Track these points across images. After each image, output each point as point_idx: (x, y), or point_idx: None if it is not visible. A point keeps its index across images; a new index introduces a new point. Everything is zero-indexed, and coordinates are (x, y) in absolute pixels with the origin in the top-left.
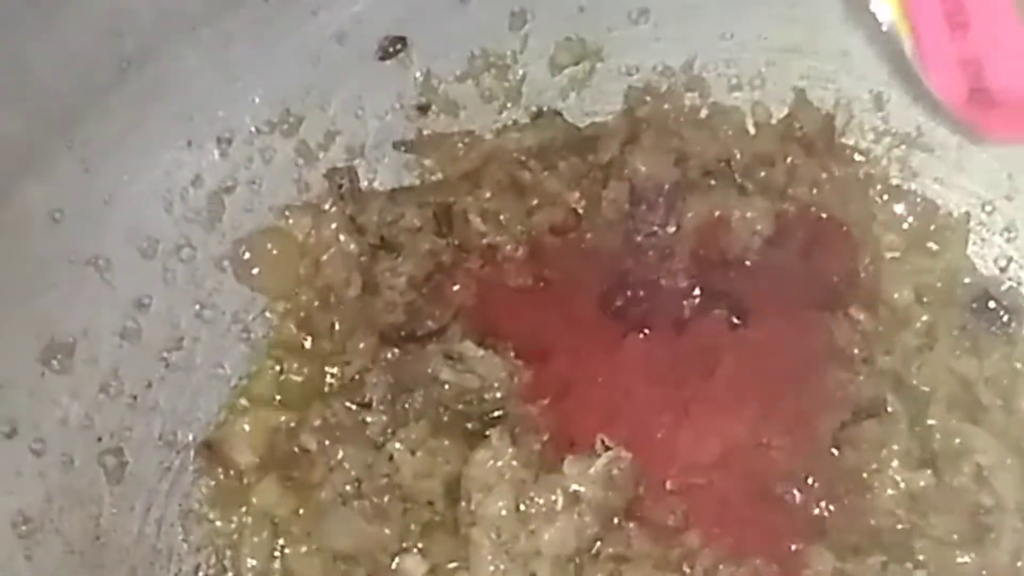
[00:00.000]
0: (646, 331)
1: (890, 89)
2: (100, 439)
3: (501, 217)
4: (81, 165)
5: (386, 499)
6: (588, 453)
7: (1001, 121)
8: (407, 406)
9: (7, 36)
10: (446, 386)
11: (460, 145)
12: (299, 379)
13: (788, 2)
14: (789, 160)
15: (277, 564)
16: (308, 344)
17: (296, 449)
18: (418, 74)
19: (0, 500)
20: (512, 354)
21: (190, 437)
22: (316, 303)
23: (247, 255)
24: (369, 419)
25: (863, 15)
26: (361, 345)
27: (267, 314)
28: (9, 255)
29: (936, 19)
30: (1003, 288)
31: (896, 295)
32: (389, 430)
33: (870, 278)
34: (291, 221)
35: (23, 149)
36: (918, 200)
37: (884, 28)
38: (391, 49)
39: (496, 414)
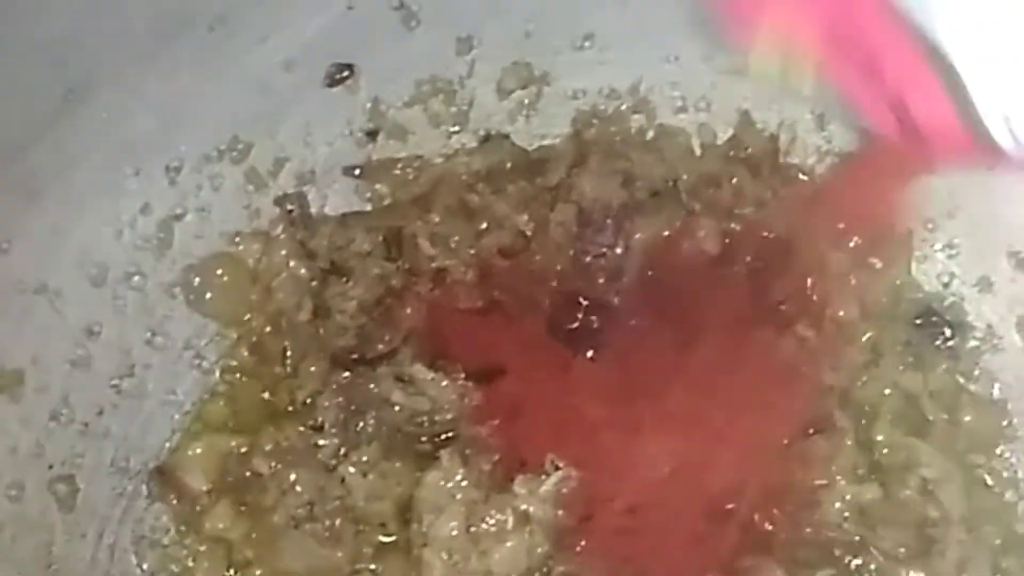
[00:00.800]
0: (595, 351)
1: (831, 110)
2: (51, 467)
3: (450, 241)
4: (28, 195)
5: (338, 522)
6: (538, 473)
7: (936, 150)
8: (359, 429)
9: None
10: (397, 408)
11: (409, 170)
12: (251, 404)
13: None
14: (735, 180)
15: None
16: (260, 369)
17: (248, 473)
18: (366, 100)
19: None
20: (462, 376)
21: (143, 463)
22: (267, 328)
23: (198, 281)
24: (321, 442)
25: None
26: (313, 369)
27: (219, 340)
28: None
29: (852, 71)
30: (946, 303)
31: (842, 312)
32: (341, 453)
33: (816, 296)
34: (241, 247)
35: None
36: None
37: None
38: (339, 76)
39: (447, 435)
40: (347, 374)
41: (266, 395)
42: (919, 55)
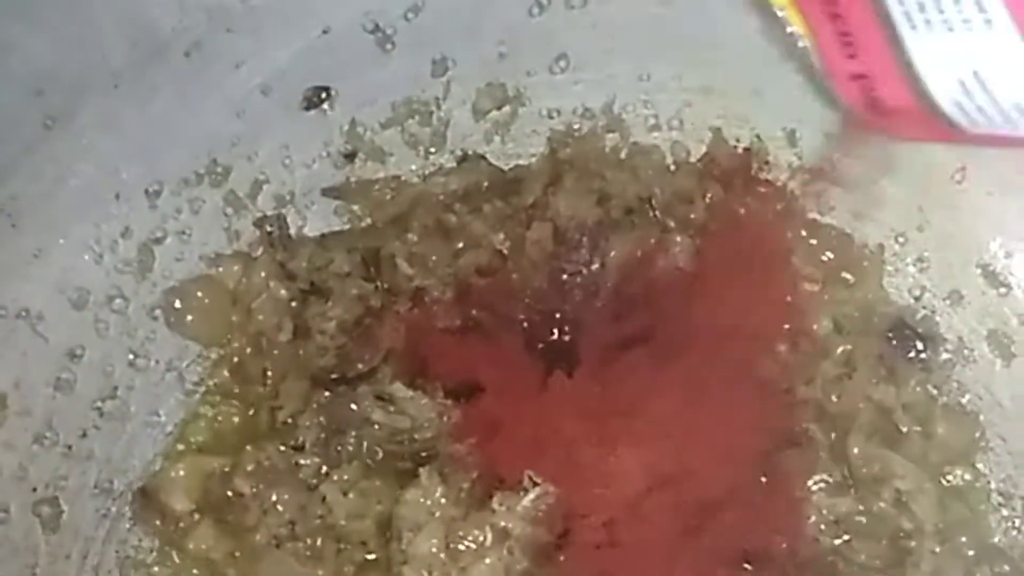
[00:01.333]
0: (572, 368)
1: (802, 126)
2: (35, 489)
3: (428, 260)
4: (8, 220)
5: (320, 540)
6: (516, 490)
7: (898, 126)
8: (340, 448)
9: None
10: (377, 427)
11: (387, 191)
12: (233, 424)
13: (703, 44)
14: (708, 197)
15: None
16: (241, 389)
17: (231, 493)
18: (343, 122)
19: None
20: (441, 394)
21: (126, 484)
22: (248, 349)
23: (179, 304)
24: (302, 461)
25: (776, 57)
26: (293, 389)
27: (200, 361)
28: None
29: (832, 39)
30: (918, 317)
31: (815, 326)
32: (322, 472)
33: (790, 310)
34: (221, 269)
35: None
36: (834, 233)
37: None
38: (315, 99)
39: (427, 453)
40: (327, 394)
41: (247, 415)
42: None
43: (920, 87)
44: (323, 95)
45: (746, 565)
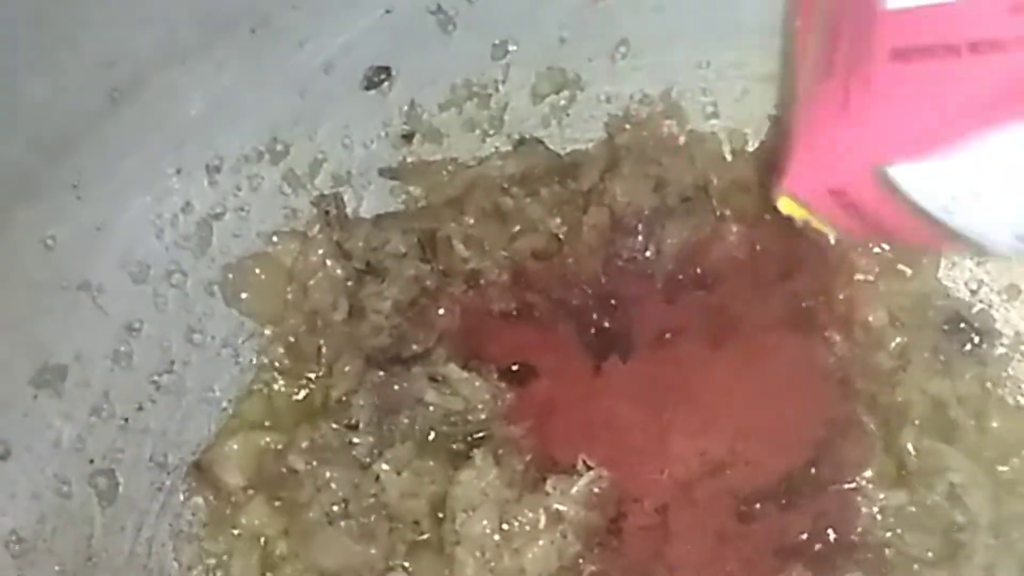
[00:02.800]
0: (626, 354)
1: None
2: (92, 461)
3: (484, 243)
4: (74, 193)
5: (373, 519)
6: (570, 473)
7: None
8: (393, 428)
9: (3, 67)
10: (431, 408)
11: (444, 172)
12: (287, 401)
13: (764, 32)
14: (765, 186)
15: None
16: (296, 367)
17: (284, 470)
18: (403, 103)
19: None
20: (495, 376)
21: (180, 458)
22: (303, 327)
23: (236, 280)
24: (356, 440)
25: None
26: (347, 368)
27: (256, 338)
28: (3, 281)
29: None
30: (974, 310)
31: (870, 317)
32: (375, 451)
33: (845, 301)
34: (279, 247)
35: (17, 177)
36: None
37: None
38: (376, 79)
39: (480, 435)
40: (381, 373)
41: (301, 393)
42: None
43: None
44: (383, 75)
45: (797, 554)
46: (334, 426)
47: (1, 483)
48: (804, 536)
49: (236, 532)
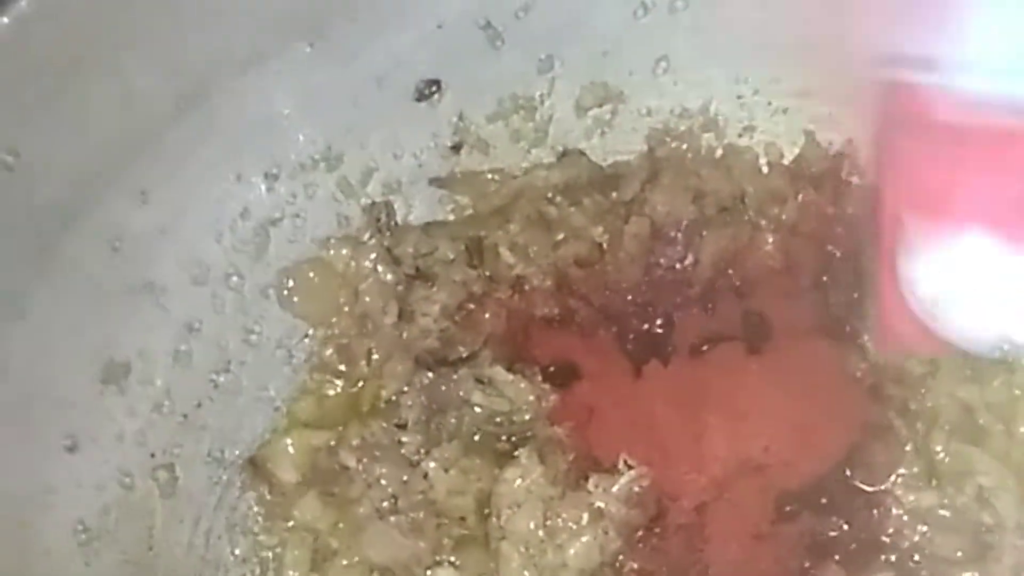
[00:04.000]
0: (665, 358)
1: None
2: (153, 455)
3: (529, 250)
4: (140, 197)
5: (421, 514)
6: (611, 472)
7: None
8: (440, 427)
9: (75, 75)
10: (477, 408)
11: (491, 182)
12: (338, 401)
13: (799, 48)
14: (800, 198)
15: None
16: (347, 368)
17: (336, 466)
18: (452, 115)
19: (61, 510)
20: (539, 379)
21: (236, 454)
22: (355, 330)
23: (291, 284)
24: (405, 439)
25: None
26: (397, 369)
27: (309, 340)
28: (72, 281)
29: None
30: None
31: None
32: (423, 449)
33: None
34: (332, 252)
35: (86, 181)
36: None
37: None
38: (427, 91)
39: (525, 435)
40: (430, 375)
41: (352, 393)
42: None
43: None
44: (434, 88)
45: (829, 554)
46: (384, 425)
47: (68, 474)
48: (836, 536)
49: (289, 526)
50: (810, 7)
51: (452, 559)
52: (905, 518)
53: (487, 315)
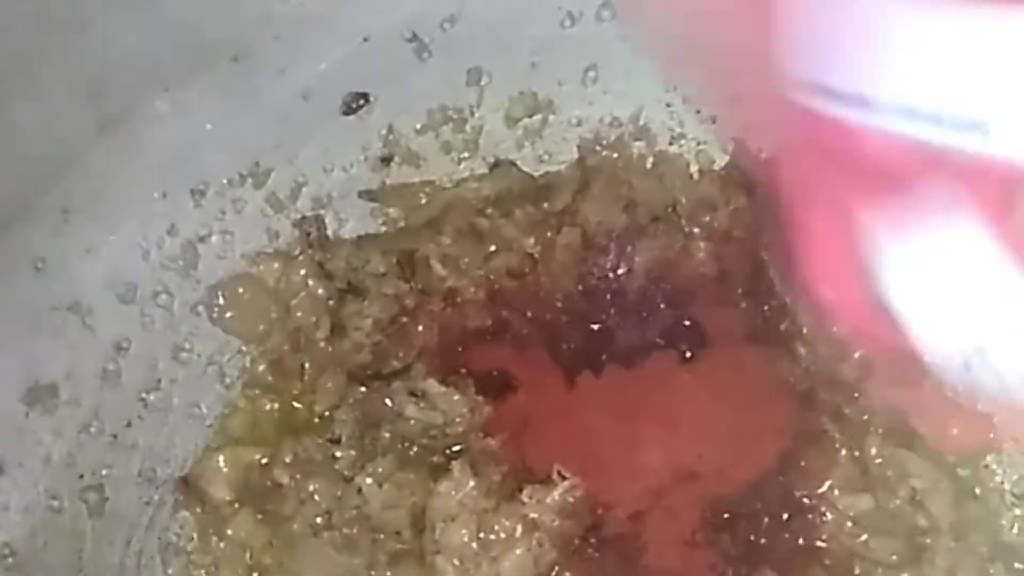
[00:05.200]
0: (599, 367)
1: None
2: (82, 476)
3: (461, 262)
4: (63, 216)
5: (355, 530)
6: (545, 483)
7: None
8: (374, 441)
9: None
10: (411, 422)
11: (421, 194)
12: (271, 417)
13: (727, 56)
14: (731, 205)
15: None
16: (279, 384)
17: (269, 484)
18: (381, 128)
19: None
20: (473, 391)
21: (168, 473)
22: (287, 345)
23: (221, 300)
24: (338, 454)
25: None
26: (330, 384)
27: (240, 356)
28: None
29: None
30: None
31: (834, 329)
32: (358, 464)
33: (810, 315)
34: (262, 268)
35: (8, 202)
36: None
37: None
38: (354, 105)
39: (458, 448)
40: (363, 389)
41: (285, 409)
42: None
43: None
44: (362, 101)
45: (765, 560)
46: (317, 440)
47: None
48: (772, 542)
49: (223, 544)
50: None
51: (388, 574)
52: (840, 522)
53: (420, 328)
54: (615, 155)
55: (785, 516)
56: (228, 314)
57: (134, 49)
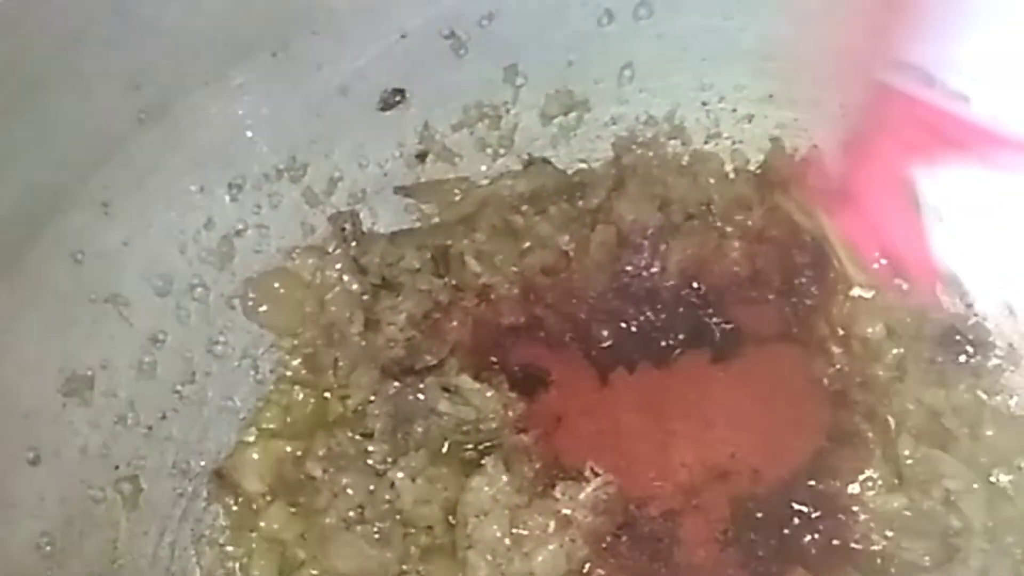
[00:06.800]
0: (632, 365)
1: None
2: (117, 467)
3: (495, 259)
4: (102, 209)
5: (388, 524)
6: (578, 480)
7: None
8: (407, 436)
9: (37, 90)
10: (444, 417)
11: (456, 191)
12: (305, 411)
13: (763, 56)
14: (765, 204)
15: None
16: (313, 378)
17: (302, 476)
18: (417, 124)
19: (25, 523)
20: (506, 387)
21: (202, 465)
22: (321, 339)
23: (256, 294)
24: (371, 448)
25: (833, 67)
26: (363, 379)
27: (274, 350)
28: (35, 293)
29: None
30: (969, 323)
31: (869, 330)
32: (390, 459)
33: (843, 315)
34: (297, 262)
35: (49, 194)
36: None
37: None
38: (391, 100)
39: (491, 443)
40: (396, 384)
41: (318, 403)
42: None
43: None
44: (398, 97)
45: (797, 559)
46: (350, 435)
47: (32, 487)
48: (803, 542)
49: (255, 537)
50: (774, 14)
51: (419, 569)
52: (872, 523)
53: (453, 324)
54: (650, 153)
55: (817, 515)
56: (263, 308)
57: (174, 43)
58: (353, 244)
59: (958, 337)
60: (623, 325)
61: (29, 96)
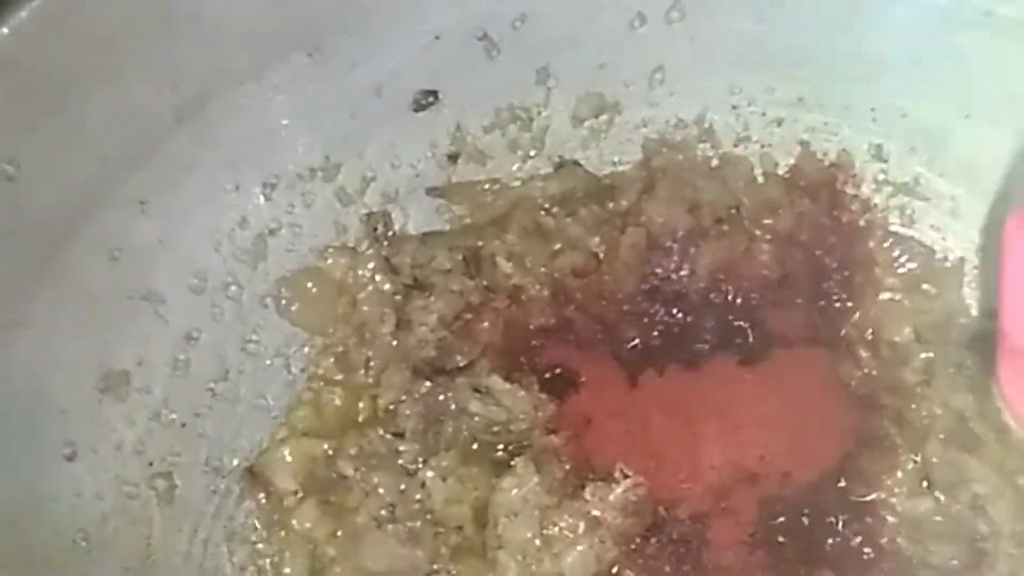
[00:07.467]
0: (661, 367)
1: (889, 142)
2: (151, 464)
3: (526, 260)
4: (139, 207)
5: (418, 523)
6: (608, 481)
7: None
8: (438, 436)
9: (74, 86)
10: (475, 418)
11: (487, 192)
12: (337, 410)
13: (793, 60)
14: (795, 208)
15: None
16: (344, 377)
17: (334, 475)
18: (449, 125)
19: (62, 518)
20: (536, 388)
21: (235, 463)
22: (353, 339)
23: (288, 293)
24: (402, 448)
25: (864, 73)
26: (395, 378)
27: (307, 349)
28: (72, 290)
29: None
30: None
31: (896, 335)
32: (421, 458)
33: (872, 318)
34: (330, 261)
35: (87, 192)
36: (916, 246)
37: None
38: (424, 101)
39: (521, 444)
40: (427, 384)
41: (350, 402)
42: None
43: None
44: (431, 98)
45: (824, 563)
46: (381, 434)
47: (68, 483)
48: (831, 545)
49: (287, 535)
50: (804, 18)
51: (449, 568)
52: (900, 527)
53: (484, 324)
54: (680, 156)
55: (845, 519)
56: (295, 307)
57: (211, 42)
58: (385, 244)
59: (987, 341)
60: (652, 327)
61: (67, 95)
